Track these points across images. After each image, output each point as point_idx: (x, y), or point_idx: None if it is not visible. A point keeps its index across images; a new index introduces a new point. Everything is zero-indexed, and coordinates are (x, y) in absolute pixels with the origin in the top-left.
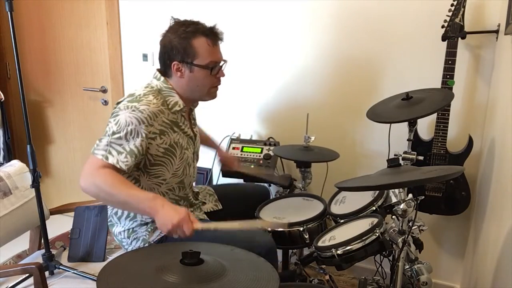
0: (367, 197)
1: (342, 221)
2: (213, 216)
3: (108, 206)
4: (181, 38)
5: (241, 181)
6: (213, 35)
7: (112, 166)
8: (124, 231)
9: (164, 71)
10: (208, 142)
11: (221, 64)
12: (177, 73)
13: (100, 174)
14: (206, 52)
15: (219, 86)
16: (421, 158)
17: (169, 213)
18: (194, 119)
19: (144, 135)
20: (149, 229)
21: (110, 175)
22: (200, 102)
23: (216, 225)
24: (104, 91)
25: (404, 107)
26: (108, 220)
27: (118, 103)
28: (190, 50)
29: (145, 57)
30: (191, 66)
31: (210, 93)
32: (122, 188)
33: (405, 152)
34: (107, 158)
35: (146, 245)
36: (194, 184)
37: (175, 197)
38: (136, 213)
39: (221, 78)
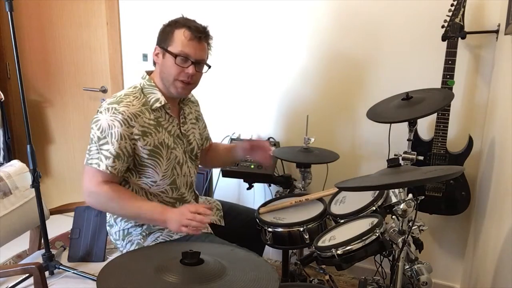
0: (367, 197)
1: (342, 221)
2: (212, 229)
3: None
4: (169, 25)
5: (241, 181)
6: (194, 29)
7: (107, 176)
8: (119, 231)
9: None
10: (229, 153)
11: (192, 61)
12: (155, 58)
13: (102, 192)
14: (180, 41)
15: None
16: (421, 158)
17: (172, 214)
18: (185, 117)
19: (126, 136)
20: (143, 233)
21: (112, 192)
22: (199, 102)
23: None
24: (104, 91)
25: (404, 107)
26: (107, 221)
27: (100, 106)
28: (169, 36)
29: (145, 57)
30: (164, 51)
31: (175, 86)
32: (128, 205)
33: (405, 152)
34: (99, 165)
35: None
36: (193, 185)
37: (169, 200)
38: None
39: (221, 80)
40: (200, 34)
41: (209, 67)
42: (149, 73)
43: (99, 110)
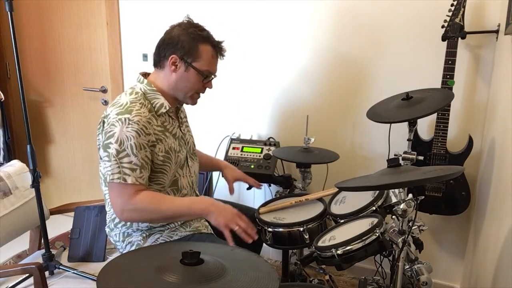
0: (367, 197)
1: (342, 221)
2: (212, 228)
3: (108, 212)
4: (191, 37)
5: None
6: (219, 49)
7: (136, 187)
8: (119, 233)
9: (158, 60)
10: (212, 163)
11: (214, 76)
12: (171, 67)
13: (137, 202)
14: (207, 60)
15: (202, 95)
16: (421, 158)
17: (222, 208)
18: (182, 118)
19: (145, 145)
20: (144, 235)
21: (146, 198)
22: (200, 102)
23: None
24: (104, 91)
25: (404, 107)
26: (107, 225)
27: (106, 116)
28: (194, 51)
29: (145, 57)
30: (189, 66)
31: (193, 98)
32: (165, 205)
33: (405, 152)
34: (125, 180)
35: None
36: (195, 185)
37: None
38: (189, 219)
39: (221, 80)
40: (223, 54)
41: (215, 76)
42: (145, 75)
43: (110, 122)
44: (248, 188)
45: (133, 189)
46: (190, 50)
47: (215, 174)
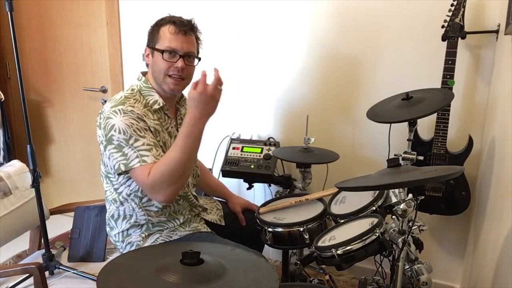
0: (367, 197)
1: (342, 221)
2: (212, 229)
3: (107, 209)
4: (154, 25)
5: (241, 181)
6: (179, 23)
7: (151, 165)
8: (119, 233)
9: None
10: (219, 190)
11: (180, 54)
12: (147, 59)
13: (152, 176)
14: (165, 37)
15: (180, 82)
16: (421, 158)
17: (202, 107)
18: (183, 119)
19: (147, 128)
20: (143, 235)
21: (155, 168)
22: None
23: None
24: (104, 91)
25: (404, 107)
26: (107, 223)
27: (102, 112)
28: (155, 35)
29: None
30: (153, 50)
31: (166, 82)
32: (174, 156)
33: (405, 152)
34: (144, 161)
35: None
36: (192, 185)
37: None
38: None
39: (226, 81)
40: (185, 27)
41: (199, 59)
42: (144, 74)
43: (106, 116)
44: (248, 188)
45: (151, 167)
46: (153, 36)
47: (215, 175)
